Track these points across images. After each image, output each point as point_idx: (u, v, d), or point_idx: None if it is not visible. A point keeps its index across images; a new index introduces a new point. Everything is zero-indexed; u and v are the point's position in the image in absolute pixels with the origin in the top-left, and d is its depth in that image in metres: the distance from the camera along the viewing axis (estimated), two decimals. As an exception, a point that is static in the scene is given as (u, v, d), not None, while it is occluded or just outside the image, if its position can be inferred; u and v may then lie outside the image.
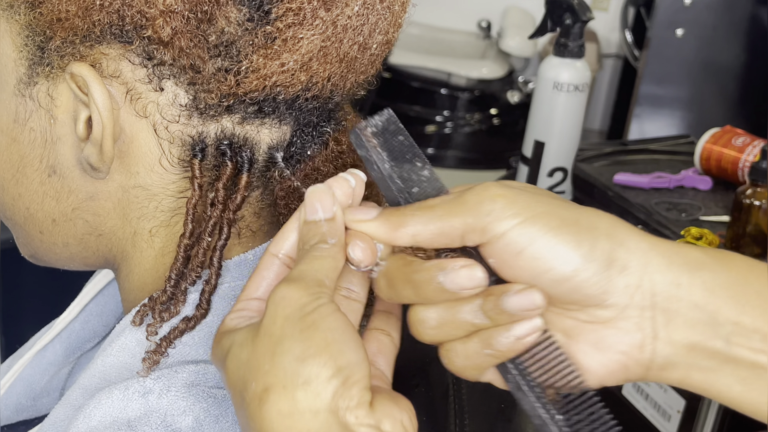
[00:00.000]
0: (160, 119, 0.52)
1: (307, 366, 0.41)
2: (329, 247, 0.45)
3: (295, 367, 0.41)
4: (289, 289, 0.43)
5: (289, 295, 0.43)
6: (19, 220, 0.58)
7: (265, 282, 0.47)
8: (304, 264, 0.45)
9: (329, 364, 0.41)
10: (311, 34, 0.49)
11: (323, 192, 0.46)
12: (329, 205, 0.46)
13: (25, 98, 0.53)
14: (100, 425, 0.49)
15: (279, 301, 0.43)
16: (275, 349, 0.42)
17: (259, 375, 0.42)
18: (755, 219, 1.26)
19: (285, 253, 0.48)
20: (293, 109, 0.53)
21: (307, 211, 0.46)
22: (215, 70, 0.49)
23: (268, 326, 0.42)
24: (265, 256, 0.48)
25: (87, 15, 0.49)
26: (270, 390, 0.41)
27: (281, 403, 0.41)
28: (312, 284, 0.43)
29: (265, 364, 0.42)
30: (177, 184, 0.54)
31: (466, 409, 0.69)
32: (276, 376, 0.41)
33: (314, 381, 0.41)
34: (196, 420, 0.49)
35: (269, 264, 0.48)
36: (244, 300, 0.47)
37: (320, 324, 0.42)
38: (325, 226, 0.46)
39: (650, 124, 2.03)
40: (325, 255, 0.45)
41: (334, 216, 0.46)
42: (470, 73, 2.82)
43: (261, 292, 0.47)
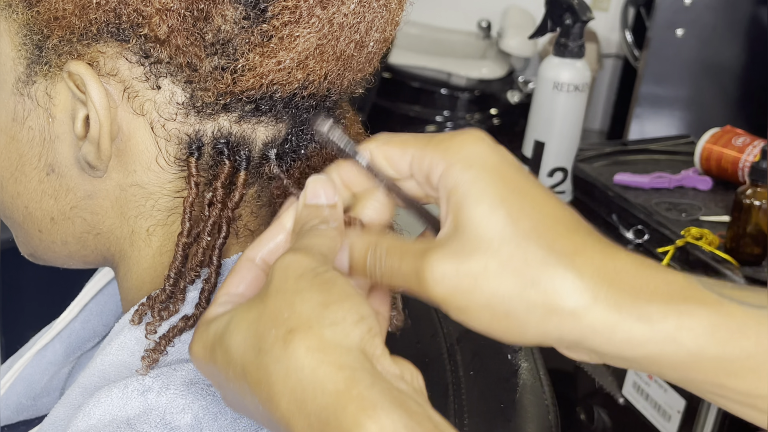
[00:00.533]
0: (157, 117, 0.52)
1: (332, 310, 0.40)
2: (330, 228, 0.45)
3: (319, 311, 0.40)
4: (297, 255, 0.43)
5: (297, 260, 0.43)
6: (18, 218, 0.58)
7: (245, 282, 0.47)
8: (306, 239, 0.45)
9: (353, 310, 0.40)
10: (307, 32, 0.49)
11: (326, 180, 0.47)
12: (332, 193, 0.47)
13: (24, 97, 0.54)
14: (100, 423, 0.49)
15: (288, 264, 0.42)
16: (293, 299, 0.41)
17: (278, 322, 0.40)
18: (755, 219, 1.26)
19: (262, 257, 0.48)
20: (290, 107, 0.53)
21: (308, 195, 0.47)
22: (212, 68, 0.50)
23: (279, 285, 0.42)
24: (241, 260, 0.48)
25: (84, 13, 0.49)
26: (294, 330, 0.40)
27: (309, 340, 0.39)
28: (318, 255, 0.43)
29: (283, 312, 0.41)
30: (174, 183, 0.54)
31: (466, 409, 0.69)
32: (299, 319, 0.40)
33: (341, 323, 0.40)
34: (195, 417, 0.49)
35: (247, 267, 0.48)
36: (225, 294, 0.47)
37: (336, 281, 0.42)
38: (326, 210, 0.46)
39: (650, 124, 2.03)
40: (326, 234, 0.45)
41: (336, 204, 0.47)
42: (470, 73, 2.82)
43: (241, 289, 0.47)
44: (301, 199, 0.47)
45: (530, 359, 0.70)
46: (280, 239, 0.48)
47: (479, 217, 0.43)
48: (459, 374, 0.71)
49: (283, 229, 0.48)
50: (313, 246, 0.44)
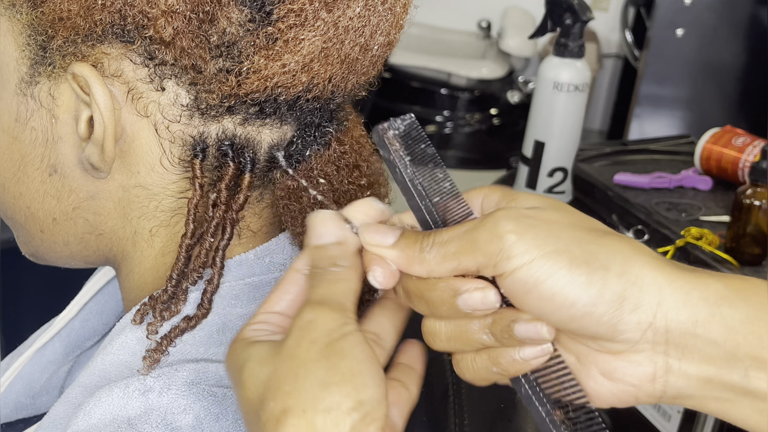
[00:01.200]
0: (161, 119, 0.52)
1: (330, 393, 0.40)
2: (342, 270, 0.45)
3: (317, 392, 0.40)
4: (314, 312, 0.42)
5: (315, 320, 0.42)
6: (20, 218, 0.58)
7: (288, 297, 0.46)
8: (322, 287, 0.44)
9: (352, 395, 0.40)
10: (312, 36, 0.49)
11: (327, 218, 0.46)
12: (335, 230, 0.46)
13: (27, 97, 0.53)
14: (100, 423, 0.49)
15: (305, 325, 0.42)
16: (298, 372, 0.41)
17: (278, 395, 0.41)
18: (755, 219, 1.26)
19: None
20: (294, 109, 0.53)
21: (312, 237, 0.46)
22: (216, 70, 0.50)
23: (292, 348, 0.42)
24: (290, 271, 0.47)
25: (89, 14, 0.49)
26: (289, 412, 0.40)
27: (299, 426, 0.40)
28: (336, 308, 0.43)
29: (286, 384, 0.41)
30: (177, 184, 0.54)
31: (466, 409, 0.69)
32: (296, 398, 0.40)
33: (335, 410, 0.40)
34: (196, 418, 0.49)
35: (293, 279, 0.47)
36: (265, 313, 0.46)
37: (348, 352, 0.41)
38: (335, 249, 0.46)
39: (650, 124, 2.03)
40: (339, 278, 0.44)
41: (342, 240, 0.46)
42: (470, 73, 2.82)
43: (282, 306, 0.46)
44: (308, 241, 0.47)
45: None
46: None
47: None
48: (459, 374, 0.71)
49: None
50: (329, 296, 0.43)
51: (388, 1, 0.53)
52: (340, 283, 0.44)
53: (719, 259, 1.26)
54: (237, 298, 0.54)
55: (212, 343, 0.53)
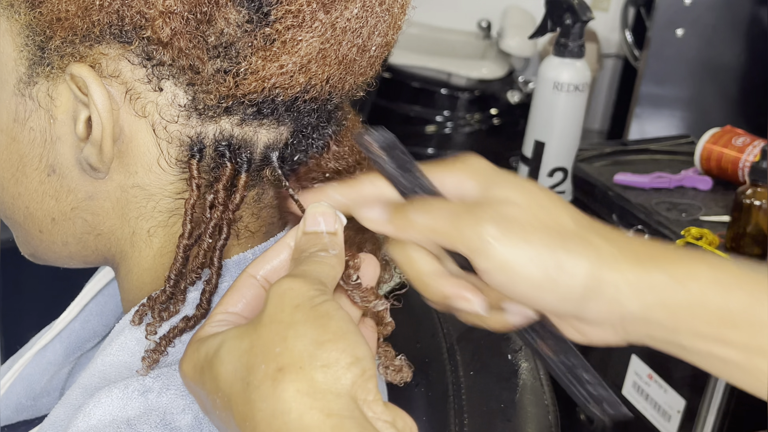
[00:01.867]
0: (159, 119, 0.52)
1: (326, 350, 0.40)
2: (330, 256, 0.46)
3: (312, 349, 0.40)
4: (295, 281, 0.43)
5: (295, 287, 0.42)
6: (19, 218, 0.58)
7: (244, 300, 0.47)
8: (305, 265, 0.45)
9: (348, 351, 0.40)
10: (310, 37, 0.49)
11: (326, 208, 0.48)
12: (331, 220, 0.47)
13: (25, 98, 0.53)
14: (100, 424, 0.49)
15: (285, 291, 0.42)
16: (287, 333, 0.40)
17: (269, 357, 0.40)
18: (755, 219, 1.26)
19: (263, 275, 0.48)
20: (292, 110, 0.53)
21: (307, 223, 0.47)
22: (214, 71, 0.50)
23: (274, 314, 0.41)
24: (243, 275, 0.48)
25: (86, 15, 0.49)
26: (285, 369, 0.39)
27: (299, 382, 0.39)
28: (316, 281, 0.43)
29: (275, 346, 0.40)
30: (175, 185, 0.54)
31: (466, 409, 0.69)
32: (291, 357, 0.40)
33: (333, 365, 0.39)
34: (195, 418, 0.49)
35: (248, 283, 0.47)
36: (222, 313, 0.46)
37: (333, 315, 0.41)
38: (327, 237, 0.46)
39: (650, 124, 2.03)
40: (326, 261, 0.45)
41: (336, 231, 0.47)
42: (470, 73, 2.82)
43: (239, 308, 0.47)
44: (301, 226, 0.47)
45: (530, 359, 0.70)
46: (283, 258, 0.48)
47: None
48: (459, 374, 0.71)
49: (287, 247, 0.48)
50: (312, 272, 0.44)
51: (386, 2, 0.53)
52: (324, 266, 0.45)
53: (719, 259, 1.25)
54: None
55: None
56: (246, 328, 0.42)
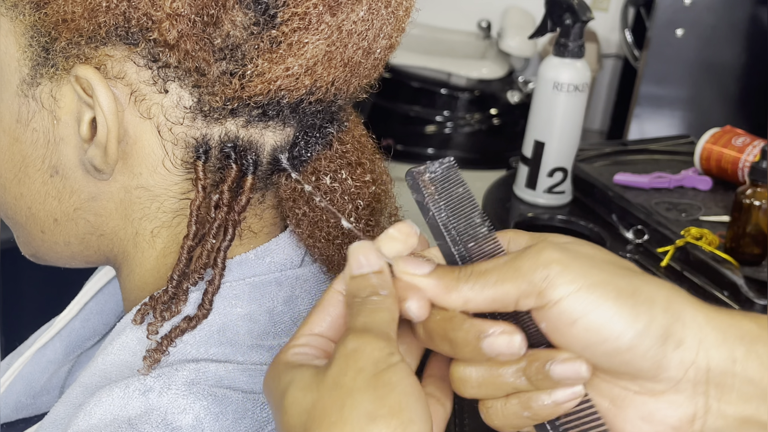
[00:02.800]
0: (164, 121, 0.52)
1: (377, 426, 0.39)
2: (382, 298, 0.44)
3: (364, 424, 0.39)
4: (360, 341, 0.41)
5: (361, 348, 0.41)
6: (21, 219, 0.58)
7: (329, 318, 0.46)
8: (365, 316, 0.43)
9: (399, 429, 0.39)
10: (316, 39, 0.49)
11: (367, 247, 0.45)
12: (374, 259, 0.45)
13: (28, 99, 0.53)
14: (101, 423, 0.49)
15: (351, 353, 0.41)
16: (345, 402, 0.40)
17: (323, 425, 0.40)
18: (755, 219, 1.26)
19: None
20: (297, 112, 0.53)
21: (352, 267, 0.45)
22: (220, 73, 0.49)
23: (337, 377, 0.41)
24: (330, 292, 0.46)
25: (93, 17, 0.49)
26: None
27: None
28: (381, 338, 0.42)
29: (332, 414, 0.40)
30: (179, 186, 0.54)
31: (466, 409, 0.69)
32: (342, 429, 0.39)
33: None
34: (196, 418, 0.49)
35: (334, 300, 0.46)
36: (307, 335, 0.45)
37: (396, 386, 0.40)
38: (374, 278, 0.45)
39: (650, 124, 2.03)
40: (381, 307, 0.43)
41: (381, 269, 0.45)
42: (470, 73, 2.82)
43: (324, 328, 0.45)
44: (347, 271, 0.46)
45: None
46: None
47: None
48: (459, 374, 0.71)
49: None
50: (373, 325, 0.42)
51: (391, 5, 0.53)
52: (381, 312, 0.43)
53: (719, 259, 1.25)
54: (237, 297, 0.54)
55: (212, 343, 0.53)
56: (311, 382, 0.42)
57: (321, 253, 0.57)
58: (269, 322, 0.55)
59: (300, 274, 0.57)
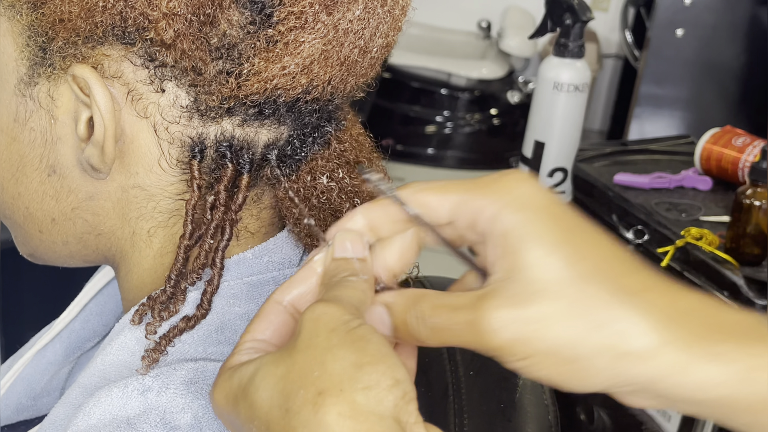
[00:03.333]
0: (160, 120, 0.52)
1: (365, 372, 0.39)
2: (361, 280, 0.44)
3: (352, 372, 0.39)
4: (328, 306, 0.41)
5: (329, 311, 0.41)
6: (18, 219, 0.58)
7: (272, 326, 0.45)
8: (337, 290, 0.43)
9: (388, 373, 0.39)
10: (313, 38, 0.49)
11: (354, 235, 0.46)
12: (360, 247, 0.45)
13: (26, 98, 0.53)
14: (100, 423, 0.49)
15: (319, 316, 0.41)
16: (324, 357, 0.39)
17: (307, 382, 0.39)
18: (755, 219, 1.26)
19: (290, 301, 0.46)
20: (293, 111, 0.53)
21: (336, 249, 0.45)
22: (216, 72, 0.50)
23: (309, 339, 0.40)
24: (269, 303, 0.46)
25: (89, 16, 0.49)
26: (325, 393, 0.38)
27: (340, 405, 0.38)
28: (349, 306, 0.42)
29: (313, 371, 0.39)
30: (176, 186, 0.54)
31: (466, 409, 0.69)
32: (330, 380, 0.38)
33: (375, 387, 0.38)
34: (194, 417, 0.49)
35: (274, 310, 0.46)
36: (250, 341, 0.45)
37: (371, 338, 0.40)
38: (357, 263, 0.45)
39: (650, 124, 2.03)
40: (357, 286, 0.44)
41: (366, 258, 0.45)
42: (470, 73, 2.82)
43: (267, 335, 0.45)
44: (329, 252, 0.46)
45: (530, 359, 0.70)
46: (311, 283, 0.46)
47: (536, 261, 0.41)
48: (459, 374, 0.71)
49: (314, 273, 0.46)
50: (344, 297, 0.43)
51: (388, 4, 0.53)
52: (355, 291, 0.43)
53: (719, 260, 1.26)
54: (235, 297, 0.54)
55: (210, 342, 0.53)
56: (280, 354, 0.41)
57: (318, 252, 0.57)
58: (268, 321, 0.55)
59: (298, 273, 0.57)
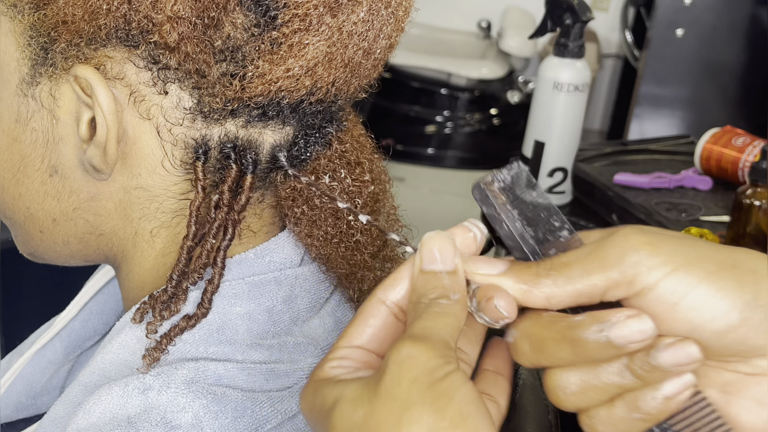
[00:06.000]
0: (163, 122, 0.52)
1: None
2: (452, 303, 0.41)
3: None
4: (415, 348, 0.39)
5: (415, 356, 0.38)
6: (19, 219, 0.58)
7: (370, 330, 0.43)
8: (426, 321, 0.40)
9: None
10: (317, 40, 0.49)
11: (443, 240, 0.42)
12: (450, 255, 0.42)
13: (28, 98, 0.53)
14: (100, 421, 0.49)
15: (404, 361, 0.38)
16: (401, 416, 0.37)
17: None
18: (755, 219, 1.26)
19: (394, 301, 0.43)
20: (297, 112, 0.53)
21: (424, 259, 0.42)
22: (220, 74, 0.49)
23: (390, 387, 0.38)
24: (371, 300, 0.43)
25: (93, 19, 0.48)
26: None
27: None
28: (439, 346, 0.39)
29: (388, 429, 0.37)
30: (179, 186, 0.54)
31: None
32: None
33: None
34: (195, 416, 0.49)
35: (375, 311, 0.43)
36: (346, 347, 0.43)
37: (454, 395, 0.38)
38: (446, 278, 0.41)
39: (650, 124, 2.03)
40: (448, 312, 0.40)
41: (456, 269, 0.42)
42: (470, 73, 2.82)
43: (365, 340, 0.43)
44: (417, 262, 0.42)
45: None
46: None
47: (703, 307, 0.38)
48: (459, 374, 0.71)
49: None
50: (433, 332, 0.39)
51: (391, 5, 0.53)
52: (447, 318, 0.40)
53: (719, 259, 1.25)
54: (237, 296, 0.54)
55: (211, 342, 0.53)
56: (361, 394, 0.39)
57: (319, 251, 0.57)
58: (268, 321, 0.55)
59: (299, 273, 0.57)
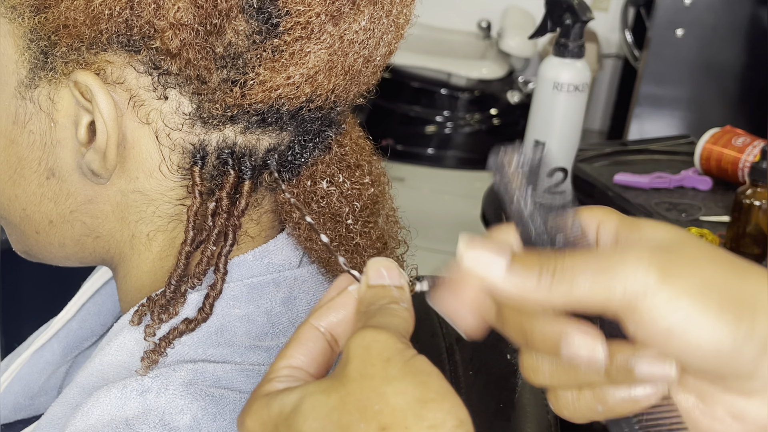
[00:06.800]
0: (162, 126, 0.51)
1: (430, 410, 0.37)
2: (402, 309, 0.42)
3: (417, 408, 0.37)
4: (379, 334, 0.40)
5: (380, 339, 0.39)
6: (15, 220, 0.58)
7: (309, 354, 0.43)
8: (381, 318, 0.41)
9: (453, 412, 0.37)
10: (318, 48, 0.49)
11: (389, 263, 0.44)
12: (396, 275, 0.44)
13: (26, 101, 0.53)
14: (98, 423, 0.49)
15: (371, 345, 0.39)
16: (384, 389, 0.38)
17: (368, 415, 0.37)
18: (755, 219, 1.26)
19: (327, 328, 0.44)
20: (296, 118, 0.53)
21: (371, 277, 0.44)
22: (221, 81, 0.49)
23: (363, 368, 0.39)
24: (305, 328, 0.44)
25: (94, 24, 0.48)
26: (389, 429, 0.37)
27: None
28: (396, 334, 0.40)
29: (373, 403, 0.37)
30: (176, 191, 0.54)
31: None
32: (393, 415, 0.37)
33: (440, 427, 0.37)
34: (193, 418, 0.49)
35: (311, 335, 0.44)
36: (287, 367, 0.43)
37: (431, 371, 0.39)
38: (395, 291, 0.43)
39: (650, 124, 2.03)
40: (400, 314, 0.42)
41: (404, 286, 0.44)
42: (470, 74, 2.82)
43: (305, 362, 0.43)
44: (363, 280, 0.44)
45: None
46: (348, 311, 0.44)
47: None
48: (459, 374, 0.71)
49: (352, 299, 0.45)
50: (391, 324, 0.41)
51: (392, 14, 0.53)
52: (398, 318, 0.42)
53: (719, 259, 1.25)
54: (236, 299, 0.54)
55: (210, 344, 0.53)
56: (330, 383, 0.39)
57: (319, 255, 0.57)
58: (267, 323, 0.55)
59: (298, 274, 0.57)
